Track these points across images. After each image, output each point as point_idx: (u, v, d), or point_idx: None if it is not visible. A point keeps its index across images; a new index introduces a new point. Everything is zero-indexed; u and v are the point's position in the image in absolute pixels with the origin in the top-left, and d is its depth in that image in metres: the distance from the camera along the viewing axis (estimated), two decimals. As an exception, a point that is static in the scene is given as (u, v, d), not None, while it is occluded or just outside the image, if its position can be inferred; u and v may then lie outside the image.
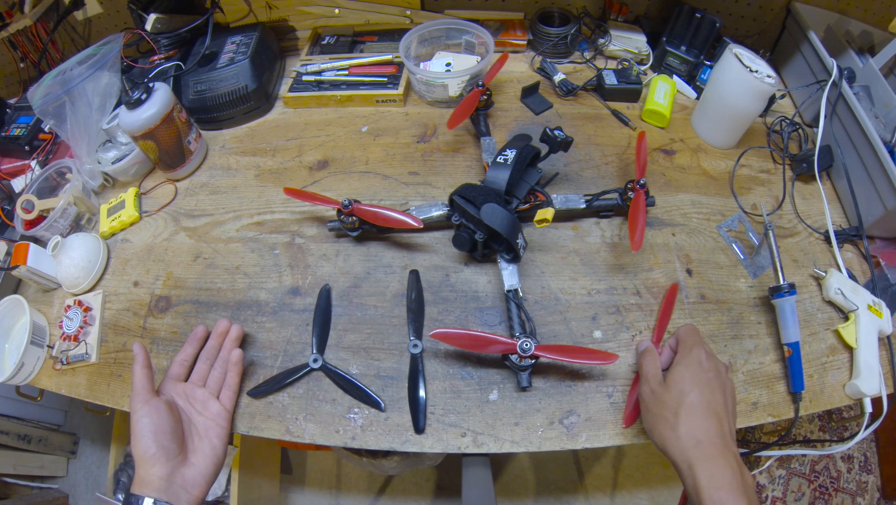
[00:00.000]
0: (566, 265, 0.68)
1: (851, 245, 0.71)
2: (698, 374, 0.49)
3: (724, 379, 0.50)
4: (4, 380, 0.63)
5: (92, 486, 1.37)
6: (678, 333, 0.56)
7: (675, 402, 0.48)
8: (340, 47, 0.94)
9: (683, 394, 0.48)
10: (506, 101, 0.87)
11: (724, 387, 0.50)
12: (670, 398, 0.49)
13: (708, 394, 0.48)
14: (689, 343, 0.53)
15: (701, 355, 0.51)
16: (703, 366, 0.50)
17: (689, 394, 0.48)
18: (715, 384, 0.49)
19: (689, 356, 0.51)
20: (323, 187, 0.78)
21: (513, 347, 0.54)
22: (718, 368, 0.51)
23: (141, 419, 0.50)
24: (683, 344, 0.53)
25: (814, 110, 0.80)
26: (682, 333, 0.55)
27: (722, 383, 0.50)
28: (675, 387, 0.49)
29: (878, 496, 1.32)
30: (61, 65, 0.80)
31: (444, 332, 0.56)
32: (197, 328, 0.60)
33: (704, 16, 0.83)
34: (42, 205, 0.74)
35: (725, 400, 0.49)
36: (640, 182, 0.65)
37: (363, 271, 0.69)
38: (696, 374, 0.49)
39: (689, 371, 0.49)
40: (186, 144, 0.78)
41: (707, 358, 0.51)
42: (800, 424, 1.29)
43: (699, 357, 0.51)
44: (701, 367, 0.50)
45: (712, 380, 0.49)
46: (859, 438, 0.60)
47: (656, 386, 0.51)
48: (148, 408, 0.50)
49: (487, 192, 0.61)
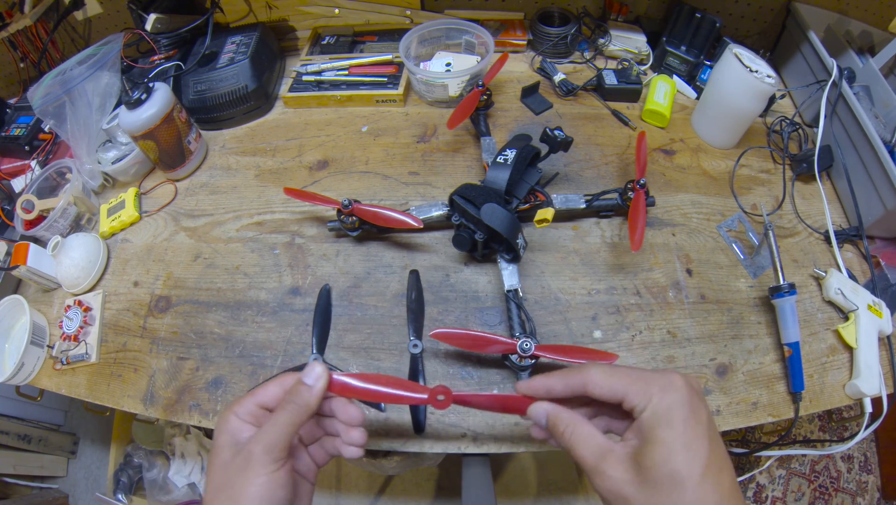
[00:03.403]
0: (566, 265, 0.68)
1: (851, 245, 0.71)
2: (691, 420, 0.31)
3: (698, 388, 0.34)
4: (4, 380, 0.63)
5: (92, 486, 1.37)
6: (591, 375, 0.36)
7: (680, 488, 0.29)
8: (340, 47, 0.94)
9: (695, 460, 0.30)
10: (506, 101, 0.87)
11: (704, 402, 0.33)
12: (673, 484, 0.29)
13: (715, 441, 0.31)
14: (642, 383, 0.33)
15: (682, 394, 0.32)
16: (692, 407, 0.32)
17: (698, 458, 0.30)
18: (701, 410, 0.32)
19: (669, 408, 0.31)
20: (323, 187, 0.78)
21: (513, 347, 0.54)
22: (692, 384, 0.33)
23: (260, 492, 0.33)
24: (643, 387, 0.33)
25: (814, 110, 0.79)
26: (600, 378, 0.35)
27: (701, 398, 0.33)
28: (668, 466, 0.30)
29: (878, 496, 1.32)
30: (61, 65, 0.80)
31: (444, 332, 0.56)
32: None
33: (704, 16, 0.83)
34: (42, 205, 0.74)
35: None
36: (640, 182, 0.65)
37: (363, 271, 0.69)
38: (691, 425, 0.31)
39: (681, 430, 0.31)
40: (186, 144, 0.78)
41: (689, 388, 0.32)
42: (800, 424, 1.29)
43: (679, 401, 0.32)
44: (692, 410, 0.31)
45: (698, 407, 0.32)
46: (859, 438, 0.61)
47: (627, 472, 0.31)
48: (274, 478, 0.34)
49: (487, 192, 0.61)
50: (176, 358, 0.64)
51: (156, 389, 0.63)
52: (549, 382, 0.38)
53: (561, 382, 0.37)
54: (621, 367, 0.35)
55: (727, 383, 0.60)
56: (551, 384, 0.37)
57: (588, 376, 0.35)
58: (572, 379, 0.36)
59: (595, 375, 0.35)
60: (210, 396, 0.61)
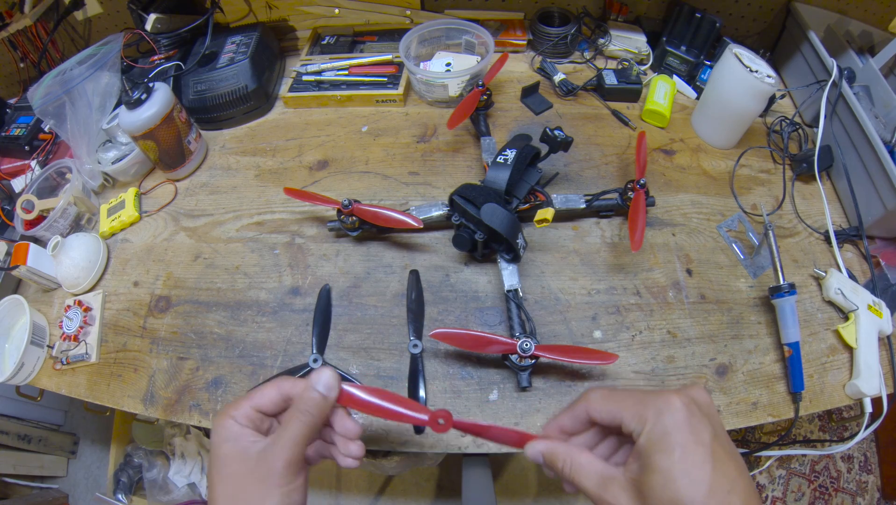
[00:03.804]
0: (566, 265, 0.68)
1: (851, 245, 0.71)
2: (703, 442, 0.30)
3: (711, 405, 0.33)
4: (4, 380, 0.63)
5: (92, 486, 1.37)
6: (596, 399, 0.35)
7: None
8: (340, 47, 0.94)
9: (695, 486, 0.28)
10: (506, 101, 0.87)
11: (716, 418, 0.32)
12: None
13: (721, 461, 0.29)
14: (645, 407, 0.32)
15: (680, 414, 0.30)
16: (691, 428, 0.30)
17: (699, 484, 0.28)
18: (703, 430, 0.30)
19: (672, 429, 0.30)
20: (323, 187, 0.78)
21: (513, 347, 0.54)
22: (696, 400, 0.32)
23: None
24: (644, 411, 0.31)
25: (814, 110, 0.79)
26: (614, 402, 0.34)
27: (704, 414, 0.31)
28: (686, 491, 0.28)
29: (878, 496, 1.32)
30: (61, 65, 0.80)
31: (444, 332, 0.56)
32: None
33: (704, 16, 0.83)
34: (42, 205, 0.74)
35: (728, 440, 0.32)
36: (640, 182, 0.65)
37: (363, 271, 0.69)
38: (690, 449, 0.29)
39: (679, 456, 0.29)
40: (186, 144, 0.78)
41: (690, 406, 0.31)
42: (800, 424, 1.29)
43: (681, 420, 0.30)
44: (692, 432, 0.30)
45: (699, 427, 0.30)
46: (859, 438, 0.60)
47: (629, 500, 0.31)
48: (293, 488, 0.34)
49: (487, 192, 0.61)
50: (176, 358, 0.64)
51: (156, 389, 0.63)
52: (558, 421, 0.37)
53: (569, 417, 0.36)
54: (620, 390, 0.35)
55: (727, 383, 0.60)
56: (561, 423, 0.37)
57: (589, 402, 0.35)
58: (577, 409, 0.36)
59: (594, 400, 0.35)
60: (210, 396, 0.61)
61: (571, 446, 0.35)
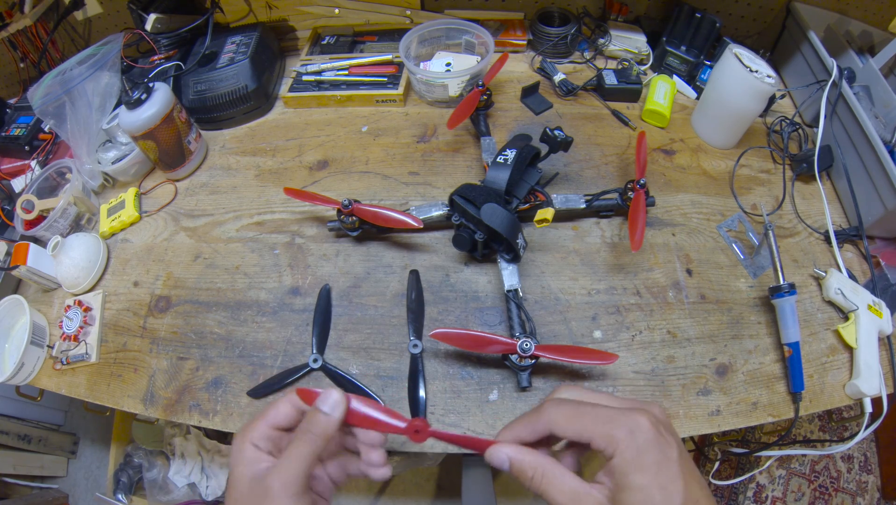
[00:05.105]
0: (566, 265, 0.68)
1: (851, 245, 0.71)
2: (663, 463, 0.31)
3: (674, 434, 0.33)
4: (4, 380, 0.63)
5: (92, 486, 1.37)
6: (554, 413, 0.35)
7: None
8: (340, 47, 0.94)
9: (671, 500, 0.30)
10: (506, 101, 0.87)
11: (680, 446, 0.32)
12: None
13: (689, 473, 0.31)
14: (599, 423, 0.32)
15: (647, 431, 0.31)
16: (660, 447, 0.31)
17: (673, 498, 0.30)
18: (670, 447, 0.31)
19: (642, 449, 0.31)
20: (323, 187, 0.78)
21: (513, 347, 0.54)
22: (659, 418, 0.33)
23: None
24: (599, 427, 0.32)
25: (814, 110, 0.79)
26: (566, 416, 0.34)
27: (668, 432, 0.32)
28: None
29: (878, 496, 1.32)
30: (61, 65, 0.80)
31: (444, 332, 0.56)
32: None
33: (704, 16, 0.83)
34: (42, 205, 0.74)
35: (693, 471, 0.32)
36: (640, 182, 0.65)
37: (363, 271, 0.69)
38: (663, 466, 0.31)
39: (654, 473, 0.30)
40: (186, 144, 0.78)
41: (654, 427, 0.32)
42: (800, 424, 1.29)
43: (647, 440, 0.31)
44: (661, 450, 0.31)
45: (666, 446, 0.31)
46: (859, 438, 0.60)
47: None
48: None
49: (487, 192, 0.61)
50: (176, 358, 0.64)
51: (156, 388, 0.63)
52: (514, 431, 0.36)
53: (527, 430, 0.36)
54: (584, 405, 0.34)
55: (727, 383, 0.60)
56: (517, 433, 0.36)
57: (551, 419, 0.34)
58: (537, 425, 0.35)
59: (558, 418, 0.34)
60: (210, 396, 0.61)
61: (542, 457, 0.34)
